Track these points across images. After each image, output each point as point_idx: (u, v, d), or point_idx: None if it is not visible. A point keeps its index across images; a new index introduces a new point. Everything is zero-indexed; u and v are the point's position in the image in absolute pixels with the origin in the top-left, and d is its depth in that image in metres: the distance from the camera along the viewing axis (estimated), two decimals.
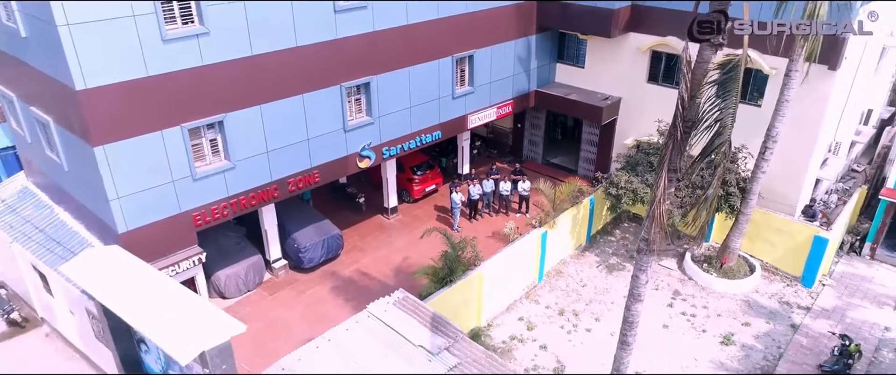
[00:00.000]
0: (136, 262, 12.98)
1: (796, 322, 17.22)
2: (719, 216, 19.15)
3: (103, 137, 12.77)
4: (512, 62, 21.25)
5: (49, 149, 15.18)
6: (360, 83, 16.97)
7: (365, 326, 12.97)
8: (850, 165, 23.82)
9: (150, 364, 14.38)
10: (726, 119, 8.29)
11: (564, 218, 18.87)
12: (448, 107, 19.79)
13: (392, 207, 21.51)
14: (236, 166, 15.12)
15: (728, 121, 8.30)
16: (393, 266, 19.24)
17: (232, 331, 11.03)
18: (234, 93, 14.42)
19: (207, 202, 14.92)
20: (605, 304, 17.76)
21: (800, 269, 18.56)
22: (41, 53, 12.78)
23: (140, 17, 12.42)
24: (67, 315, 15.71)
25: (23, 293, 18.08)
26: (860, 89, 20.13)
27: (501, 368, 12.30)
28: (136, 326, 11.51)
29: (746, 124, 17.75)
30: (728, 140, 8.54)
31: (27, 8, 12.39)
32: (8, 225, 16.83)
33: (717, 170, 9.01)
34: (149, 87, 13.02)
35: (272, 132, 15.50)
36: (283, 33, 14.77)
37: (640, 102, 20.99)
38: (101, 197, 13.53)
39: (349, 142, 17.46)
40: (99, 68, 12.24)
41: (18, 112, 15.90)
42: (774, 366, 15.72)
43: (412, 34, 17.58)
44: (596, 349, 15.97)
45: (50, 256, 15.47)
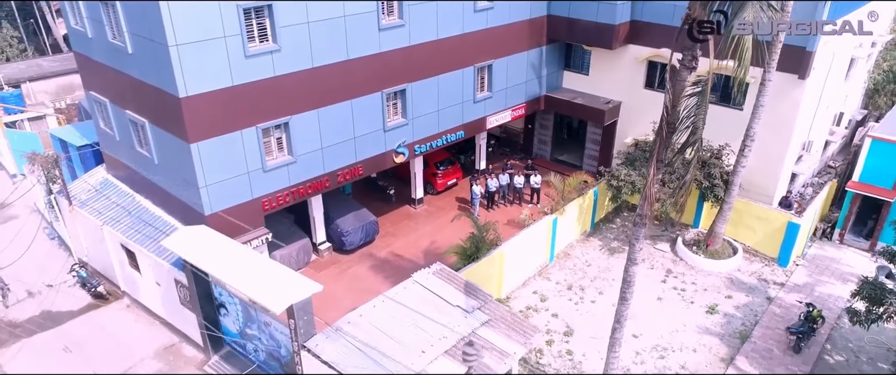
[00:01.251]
0: (224, 238, 15.86)
1: (771, 296, 20.06)
2: (706, 205, 22.04)
3: (197, 136, 15.60)
4: (525, 70, 24.07)
5: (139, 145, 18.02)
6: (397, 90, 19.80)
7: (411, 291, 15.82)
8: (826, 162, 26.67)
9: (227, 325, 17.28)
10: (698, 122, 11.11)
11: (572, 207, 21.70)
12: (470, 109, 22.62)
13: (419, 198, 24.35)
14: (297, 160, 17.96)
15: (700, 124, 11.11)
16: (422, 248, 22.07)
17: (311, 290, 13.89)
18: (298, 99, 17.25)
19: (274, 190, 17.77)
20: (607, 281, 20.58)
21: (776, 251, 21.40)
22: (147, 67, 15.61)
23: (229, 38, 15.26)
24: (153, 287, 18.54)
25: (103, 270, 20.93)
26: (831, 95, 22.95)
27: (524, 324, 15.14)
28: (236, 286, 14.34)
29: (729, 125, 20.73)
30: (700, 138, 11.35)
31: (138, 30, 15.22)
32: (97, 211, 19.70)
33: (691, 161, 11.82)
34: (233, 95, 15.85)
35: (326, 131, 18.33)
36: (338, 48, 17.60)
37: (637, 106, 23.81)
38: (191, 185, 16.38)
39: (387, 140, 20.29)
40: (196, 79, 15.07)
41: (110, 114, 18.74)
42: (751, 331, 18.55)
43: (441, 47, 20.40)
44: (599, 317, 18.76)
45: (139, 236, 18.32)
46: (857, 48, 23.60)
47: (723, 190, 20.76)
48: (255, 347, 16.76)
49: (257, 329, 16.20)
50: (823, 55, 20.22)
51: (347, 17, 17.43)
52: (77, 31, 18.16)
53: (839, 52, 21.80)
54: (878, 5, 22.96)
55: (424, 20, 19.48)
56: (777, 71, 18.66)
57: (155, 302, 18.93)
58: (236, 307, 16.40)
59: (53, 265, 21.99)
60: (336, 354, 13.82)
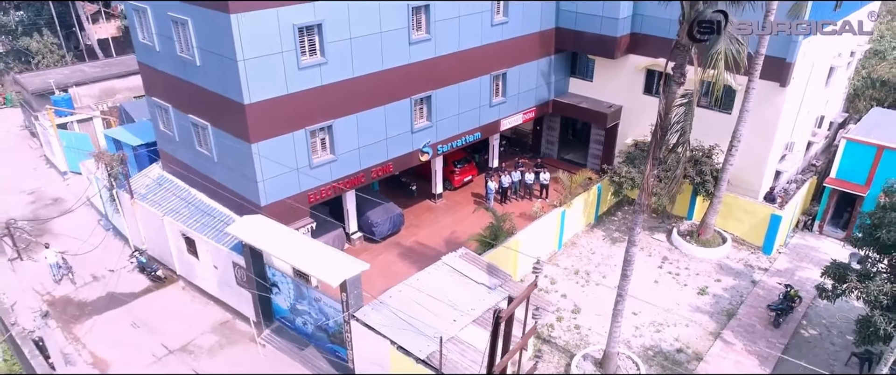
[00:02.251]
0: (279, 225, 18.36)
1: (756, 279, 22.54)
2: (698, 199, 24.52)
3: (257, 137, 18.09)
4: (535, 77, 26.54)
5: (199, 145, 20.51)
6: (423, 96, 22.28)
7: (441, 271, 18.32)
8: (809, 161, 29.14)
9: (278, 303, 19.79)
10: (686, 126, 13.57)
11: (578, 201, 24.18)
12: (486, 113, 25.10)
13: (438, 193, 26.84)
14: (338, 158, 20.45)
15: (687, 128, 13.57)
16: (443, 238, 24.55)
17: (360, 268, 16.38)
18: (340, 104, 19.74)
19: (318, 185, 20.27)
20: (609, 267, 23.05)
21: (761, 240, 23.88)
22: (214, 77, 18.09)
23: (286, 53, 17.74)
24: (209, 270, 21.02)
25: (160, 256, 23.42)
26: (812, 100, 25.43)
27: (540, 299, 17.63)
28: (297, 265, 16.81)
29: (719, 127, 23.22)
30: (687, 139, 13.83)
31: (208, 46, 17.70)
32: (157, 204, 22.22)
33: (681, 158, 14.30)
34: (287, 102, 18.33)
35: (363, 133, 20.82)
36: (374, 60, 20.08)
37: (637, 110, 26.26)
38: (250, 180, 18.87)
39: (414, 141, 22.79)
40: (258, 88, 17.56)
41: (171, 118, 21.23)
42: (737, 309, 21.04)
43: (462, 58, 22.88)
44: (603, 298, 21.19)
45: (198, 225, 20.82)
46: (837, 57, 26.07)
47: (713, 185, 23.24)
48: (303, 321, 19.25)
49: (307, 305, 18.70)
50: (803, 65, 22.68)
51: (383, 33, 19.92)
52: (144, 44, 20.66)
53: (819, 61, 24.28)
54: (858, 16, 25.38)
55: (448, 34, 21.97)
56: (760, 79, 21.13)
57: (211, 283, 21.42)
58: (288, 286, 18.90)
59: (111, 253, 24.48)
60: (381, 322, 16.31)
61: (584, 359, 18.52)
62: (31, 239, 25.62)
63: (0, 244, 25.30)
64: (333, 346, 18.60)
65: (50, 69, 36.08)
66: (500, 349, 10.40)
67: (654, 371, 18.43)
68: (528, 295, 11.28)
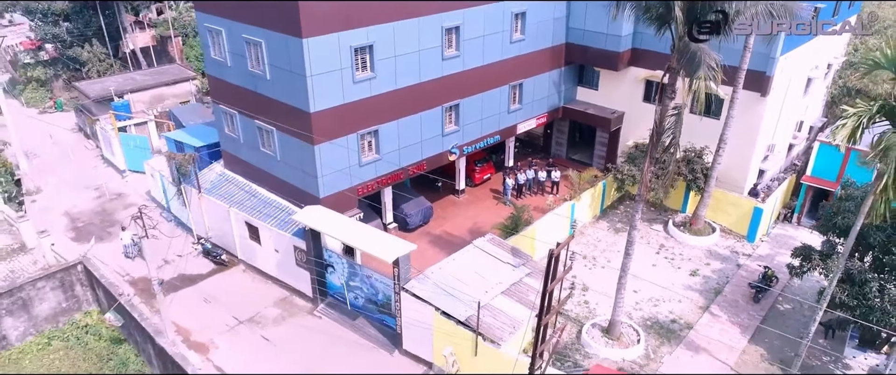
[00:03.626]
0: (336, 214, 21.83)
1: (740, 263, 26.02)
2: (691, 194, 27.98)
3: (319, 140, 21.56)
4: (547, 86, 30.01)
5: (263, 146, 23.98)
6: (453, 104, 25.75)
7: (472, 252, 21.80)
8: (792, 161, 32.60)
9: (332, 281, 23.24)
10: (676, 132, 17.03)
11: (585, 195, 27.65)
12: (505, 118, 28.57)
13: (461, 189, 30.30)
14: (382, 158, 23.92)
15: (677, 133, 17.02)
16: (467, 228, 27.96)
17: (409, 248, 19.85)
18: (385, 112, 23.20)
19: (365, 180, 23.74)
20: (613, 252, 26.50)
21: (745, 230, 27.37)
22: (283, 89, 21.55)
23: (343, 69, 21.22)
24: (271, 254, 24.47)
25: (222, 243, 26.84)
26: (791, 108, 28.89)
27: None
28: (358, 246, 20.28)
29: (709, 131, 26.67)
30: (677, 143, 17.28)
31: (279, 64, 21.16)
32: (222, 197, 25.69)
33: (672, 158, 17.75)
34: (343, 110, 21.80)
35: (402, 136, 24.29)
36: (413, 74, 23.55)
37: (637, 115, 29.69)
38: (310, 176, 22.34)
39: (444, 143, 26.25)
40: (321, 99, 21.02)
41: (237, 123, 24.69)
42: (723, 288, 24.51)
43: (485, 71, 26.34)
44: (607, 278, 24.60)
45: (261, 215, 24.29)
46: (814, 69, 29.55)
47: (704, 182, 26.70)
48: (355, 296, 22.73)
49: (360, 281, 22.17)
50: (781, 77, 26.15)
51: (421, 51, 23.41)
52: (216, 60, 24.13)
53: (796, 74, 27.76)
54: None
55: (474, 51, 25.43)
56: (743, 89, 24.63)
57: (270, 265, 24.87)
58: (343, 265, 22.38)
59: (176, 241, 27.93)
60: (426, 292, 19.79)
61: (592, 327, 21.98)
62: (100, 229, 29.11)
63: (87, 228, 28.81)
64: (382, 316, 22.08)
65: (106, 77, 39.58)
66: (551, 279, 13.71)
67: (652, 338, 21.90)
68: (568, 242, 14.65)
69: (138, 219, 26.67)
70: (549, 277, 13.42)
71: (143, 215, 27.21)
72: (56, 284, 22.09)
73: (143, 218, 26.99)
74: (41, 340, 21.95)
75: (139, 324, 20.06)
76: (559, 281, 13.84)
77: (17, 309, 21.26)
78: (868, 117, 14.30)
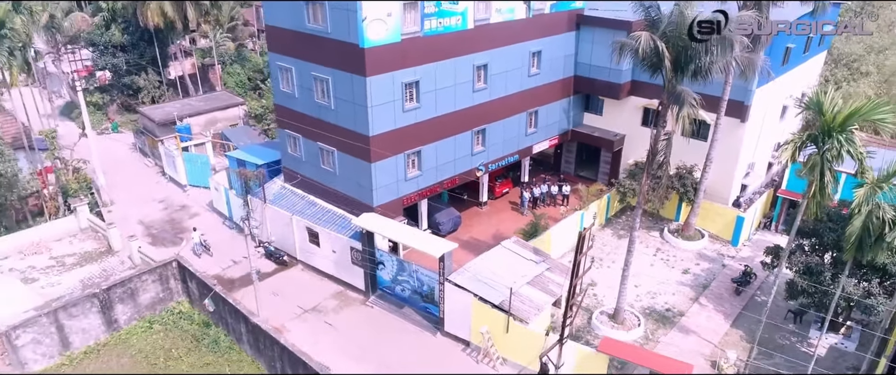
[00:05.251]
0: (388, 219, 26.42)
1: (725, 263, 30.55)
2: (683, 205, 32.60)
3: (375, 159, 26.20)
4: (558, 112, 34.78)
5: (323, 164, 28.64)
6: (480, 129, 30.45)
7: (501, 251, 26.37)
8: (772, 176, 37.23)
9: (382, 276, 27.75)
10: (668, 153, 21.66)
11: (592, 206, 32.25)
12: (522, 140, 33.29)
13: (484, 201, 34.92)
14: (423, 173, 28.56)
15: (668, 154, 21.66)
16: (491, 234, 32.50)
17: (452, 246, 24.41)
18: (426, 135, 27.88)
19: (409, 192, 28.36)
20: (617, 254, 30.98)
21: (730, 236, 31.94)
22: (346, 117, 26.23)
23: (396, 101, 25.95)
24: (328, 254, 28.98)
25: (282, 245, 31.33)
26: (769, 131, 33.59)
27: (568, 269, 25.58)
28: (409, 244, 24.84)
29: (698, 152, 31.31)
30: (668, 161, 21.92)
31: (343, 96, 25.88)
32: (285, 207, 30.28)
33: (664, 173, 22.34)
34: (394, 134, 26.47)
35: (440, 155, 28.94)
36: (450, 103, 28.27)
37: (636, 137, 34.38)
38: (366, 188, 26.95)
39: (472, 161, 30.92)
40: (378, 125, 25.71)
41: (300, 144, 29.38)
42: (710, 283, 29.01)
43: (508, 100, 31.09)
44: (613, 275, 29.09)
45: (320, 222, 28.86)
46: (788, 98, 34.31)
47: (694, 194, 31.32)
48: (402, 288, 27.21)
49: (407, 276, 26.67)
50: (758, 106, 30.90)
51: (456, 85, 28.17)
52: (284, 92, 28.89)
53: (772, 103, 32.51)
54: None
55: (499, 83, 30.21)
56: (726, 116, 29.34)
57: (328, 264, 29.37)
58: (392, 263, 26.91)
59: (238, 245, 32.43)
60: (465, 282, 24.30)
61: (601, 314, 26.44)
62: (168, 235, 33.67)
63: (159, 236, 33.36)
64: (426, 305, 26.55)
65: (166, 102, 44.39)
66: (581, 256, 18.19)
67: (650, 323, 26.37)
68: (590, 228, 19.17)
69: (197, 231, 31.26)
70: (578, 251, 17.93)
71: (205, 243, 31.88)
72: (155, 278, 26.54)
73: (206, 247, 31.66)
74: (144, 324, 26.36)
75: (233, 307, 24.49)
76: (585, 254, 18.31)
77: (126, 298, 25.71)
78: (801, 143, 19.02)
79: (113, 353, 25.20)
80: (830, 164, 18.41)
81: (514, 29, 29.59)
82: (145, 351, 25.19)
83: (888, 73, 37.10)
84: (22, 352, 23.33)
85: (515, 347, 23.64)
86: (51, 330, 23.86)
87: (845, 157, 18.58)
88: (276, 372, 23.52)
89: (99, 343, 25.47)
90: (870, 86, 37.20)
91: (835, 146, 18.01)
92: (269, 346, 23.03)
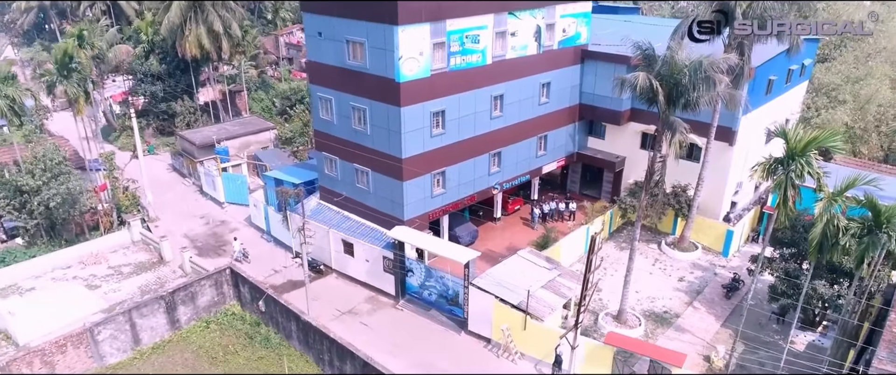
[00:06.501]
0: (417, 231, 29.98)
1: (717, 272, 34.04)
2: (679, 220, 36.18)
3: (406, 178, 29.84)
4: (565, 137, 38.51)
5: (358, 183, 32.27)
6: (496, 151, 34.14)
7: (518, 260, 29.89)
8: (760, 195, 40.86)
9: (411, 282, 31.25)
10: (662, 174, 25.26)
11: (596, 221, 35.81)
12: (533, 162, 36.97)
13: (498, 217, 38.50)
14: (446, 191, 32.19)
15: (663, 175, 25.26)
16: (505, 245, 35.99)
17: (475, 254, 27.94)
18: (450, 158, 31.54)
19: (435, 208, 31.95)
20: (620, 264, 34.40)
21: (721, 247, 35.47)
22: (381, 141, 29.91)
23: (424, 128, 29.66)
24: (361, 263, 32.47)
25: (318, 256, 34.81)
26: (756, 154, 37.21)
27: (578, 275, 29.10)
28: (437, 252, 28.37)
29: (691, 172, 34.98)
30: (663, 180, 25.51)
31: (379, 123, 29.59)
32: (322, 221, 33.84)
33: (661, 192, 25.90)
34: (423, 157, 30.12)
35: (461, 175, 32.59)
36: (470, 129, 31.98)
37: (635, 159, 38.05)
38: (398, 204, 30.55)
39: (489, 181, 34.56)
40: (409, 148, 29.40)
41: (337, 165, 33.04)
42: (703, 289, 32.47)
43: (521, 126, 34.83)
44: (616, 283, 32.52)
45: (355, 234, 32.39)
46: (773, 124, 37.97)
47: (688, 210, 34.91)
48: (429, 293, 30.66)
49: (434, 281, 30.14)
50: (744, 131, 34.64)
51: (476, 113, 31.94)
52: (323, 119, 32.63)
53: (758, 128, 36.26)
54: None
55: (513, 111, 33.98)
56: (715, 140, 33.05)
57: (361, 272, 32.84)
58: (421, 269, 30.40)
59: (277, 256, 35.96)
60: (488, 286, 27.78)
61: (606, 315, 29.86)
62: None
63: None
64: (451, 307, 29.98)
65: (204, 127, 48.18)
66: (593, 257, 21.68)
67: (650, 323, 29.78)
68: (597, 236, 22.64)
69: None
70: (591, 251, 21.44)
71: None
72: (212, 283, 30.01)
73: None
74: (202, 323, 29.78)
75: (284, 307, 27.93)
76: (597, 253, 21.78)
77: (188, 300, 29.16)
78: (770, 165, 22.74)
79: (177, 349, 28.59)
80: (793, 182, 22.07)
81: (526, 63, 33.46)
82: (205, 347, 28.58)
83: (863, 101, 40.87)
84: (101, 346, 26.71)
85: (532, 342, 27.02)
86: (125, 327, 27.27)
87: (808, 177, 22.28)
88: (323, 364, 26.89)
89: (164, 341, 28.87)
90: (846, 113, 40.96)
91: (797, 167, 21.67)
92: (318, 340, 26.43)
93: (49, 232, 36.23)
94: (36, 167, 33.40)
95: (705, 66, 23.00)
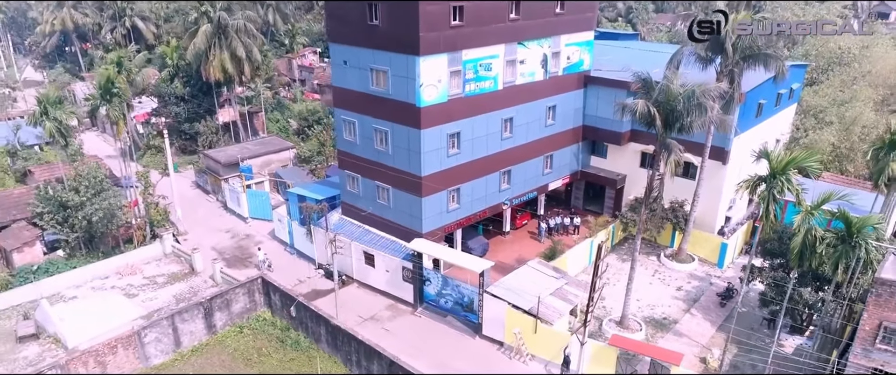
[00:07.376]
0: (434, 243, 32.52)
1: (712, 282, 36.51)
2: (677, 233, 38.73)
3: (425, 194, 32.44)
4: (569, 156, 41.18)
5: (379, 198, 34.85)
6: (506, 170, 36.78)
7: (528, 270, 32.39)
8: (752, 210, 43.41)
9: (428, 291, 33.73)
10: (660, 191, 27.84)
11: (599, 235, 38.35)
12: (540, 179, 39.60)
13: (507, 231, 41.04)
14: (461, 207, 34.77)
15: (661, 191, 27.84)
16: (514, 257, 38.49)
17: (489, 264, 30.47)
18: (464, 175, 34.16)
19: (450, 222, 34.52)
20: (621, 275, 36.89)
21: (716, 259, 37.97)
22: (401, 160, 32.55)
23: (442, 148, 32.33)
24: (382, 273, 34.95)
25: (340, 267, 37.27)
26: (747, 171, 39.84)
27: (584, 283, 31.58)
28: (453, 262, 30.89)
29: (688, 189, 37.61)
30: (661, 196, 28.09)
31: (400, 144, 32.24)
32: (345, 234, 36.38)
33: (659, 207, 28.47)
34: (440, 174, 32.73)
35: (475, 191, 35.20)
36: (483, 149, 34.63)
37: (635, 177, 40.66)
38: (416, 218, 33.10)
39: (499, 197, 37.16)
40: (428, 167, 32.02)
41: (359, 182, 35.66)
42: (700, 297, 34.92)
43: (529, 146, 37.50)
44: (618, 292, 34.97)
45: (376, 246, 34.91)
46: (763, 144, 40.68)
47: (685, 224, 37.46)
48: (445, 300, 33.11)
49: (450, 290, 32.61)
50: (737, 151, 37.30)
51: (488, 134, 34.63)
52: (347, 140, 35.31)
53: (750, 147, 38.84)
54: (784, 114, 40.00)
55: (522, 133, 36.68)
56: (710, 159, 35.71)
57: (381, 282, 35.30)
58: (438, 279, 32.88)
59: (300, 267, 38.43)
60: (501, 293, 30.26)
61: (609, 321, 32.29)
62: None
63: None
64: (466, 314, 32.42)
65: (228, 146, 50.92)
66: (598, 264, 24.27)
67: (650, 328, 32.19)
68: (602, 244, 25.22)
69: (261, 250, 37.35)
70: (597, 257, 23.97)
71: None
72: (245, 291, 32.48)
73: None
74: (235, 328, 32.20)
75: (314, 313, 30.38)
76: (602, 259, 24.31)
77: (223, 307, 31.62)
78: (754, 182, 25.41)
79: (214, 352, 30.98)
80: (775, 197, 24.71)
81: (534, 88, 36.25)
82: (240, 350, 30.98)
83: (848, 123, 43.59)
84: (147, 348, 29.12)
85: (542, 345, 29.43)
86: (168, 331, 29.70)
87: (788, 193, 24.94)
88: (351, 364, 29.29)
89: (202, 343, 31.28)
90: (832, 133, 43.65)
91: (778, 184, 24.31)
92: (347, 342, 28.86)
93: (87, 244, 38.72)
94: (80, 184, 36.00)
95: (698, 94, 25.71)
